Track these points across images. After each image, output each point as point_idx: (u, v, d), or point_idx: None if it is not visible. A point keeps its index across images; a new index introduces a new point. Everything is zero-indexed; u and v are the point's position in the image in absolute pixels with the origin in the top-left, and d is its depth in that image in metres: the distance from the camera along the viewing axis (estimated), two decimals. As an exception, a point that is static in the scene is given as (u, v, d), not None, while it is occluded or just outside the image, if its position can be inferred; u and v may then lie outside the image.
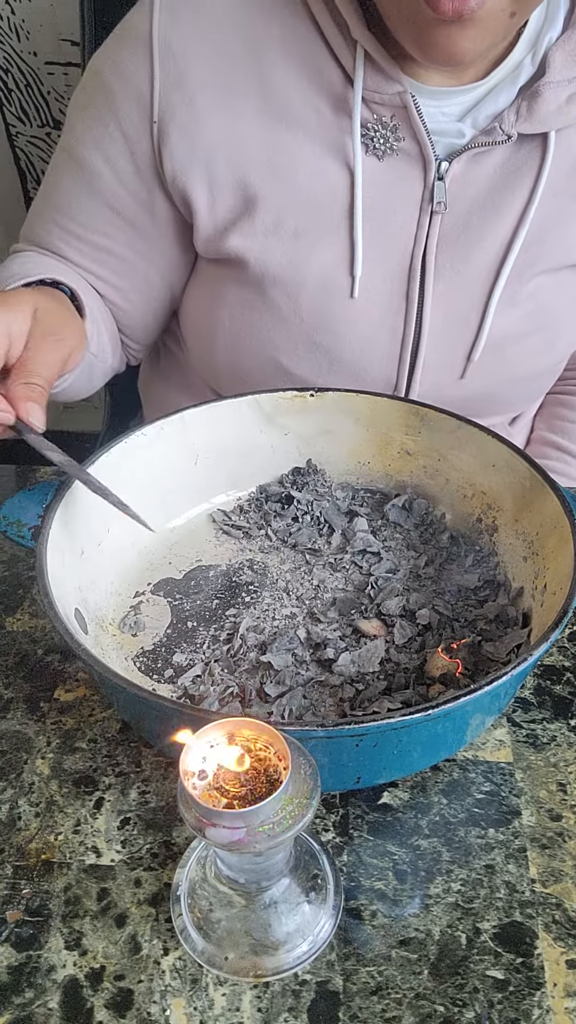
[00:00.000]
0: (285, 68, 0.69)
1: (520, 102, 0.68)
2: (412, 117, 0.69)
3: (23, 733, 0.58)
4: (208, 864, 0.47)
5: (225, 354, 0.81)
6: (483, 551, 0.66)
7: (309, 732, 0.44)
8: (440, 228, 0.73)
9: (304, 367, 0.78)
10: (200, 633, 0.62)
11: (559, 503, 0.57)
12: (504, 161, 0.71)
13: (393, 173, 0.71)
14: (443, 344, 0.77)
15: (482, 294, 0.75)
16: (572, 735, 0.57)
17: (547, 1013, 0.44)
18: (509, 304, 0.76)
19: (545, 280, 0.76)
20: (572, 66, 0.67)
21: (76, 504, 0.60)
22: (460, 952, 0.46)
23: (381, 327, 0.76)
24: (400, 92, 0.68)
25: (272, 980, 0.45)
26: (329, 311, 0.75)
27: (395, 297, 0.75)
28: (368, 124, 0.70)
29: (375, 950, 0.46)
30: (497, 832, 0.52)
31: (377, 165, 0.71)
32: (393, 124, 0.70)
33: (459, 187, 0.72)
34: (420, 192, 0.72)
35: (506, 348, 0.78)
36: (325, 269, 0.73)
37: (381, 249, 0.73)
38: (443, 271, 0.74)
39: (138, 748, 0.56)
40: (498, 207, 0.72)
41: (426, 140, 0.69)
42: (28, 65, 1.24)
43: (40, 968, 0.46)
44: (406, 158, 0.71)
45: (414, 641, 0.60)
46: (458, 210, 0.72)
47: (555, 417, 0.94)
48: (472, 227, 0.73)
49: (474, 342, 0.76)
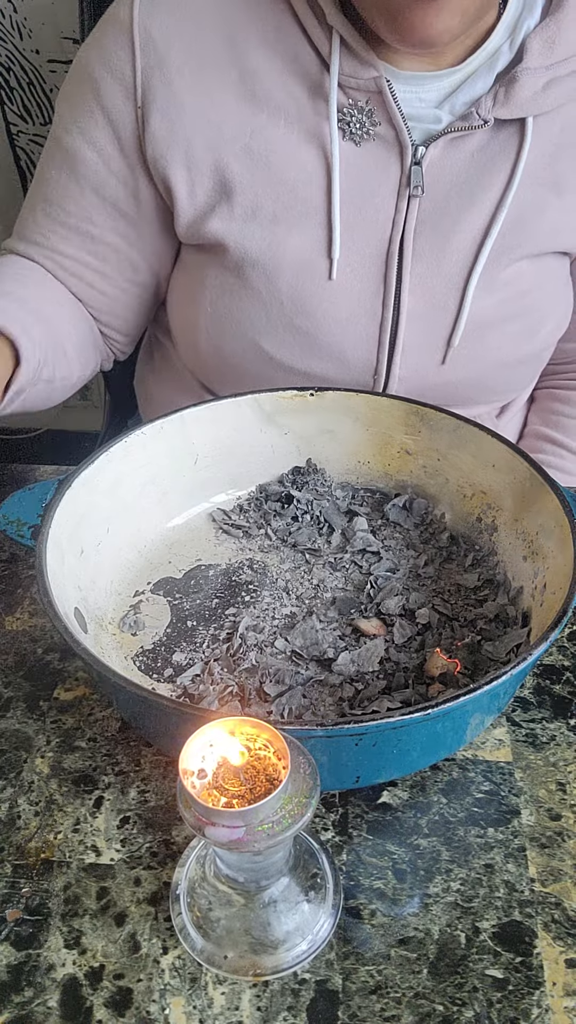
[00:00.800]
0: (263, 53, 0.71)
1: (497, 88, 0.69)
2: (387, 102, 0.70)
3: (23, 732, 0.58)
4: (207, 863, 0.47)
5: (208, 341, 0.81)
6: (483, 551, 0.66)
7: (308, 731, 0.44)
8: (418, 212, 0.74)
9: (285, 350, 0.78)
10: (200, 632, 0.62)
11: (559, 503, 0.57)
12: (482, 147, 0.72)
13: (370, 158, 0.72)
14: (422, 328, 0.77)
15: (460, 279, 0.76)
16: (571, 734, 0.57)
17: (546, 1012, 0.44)
18: (488, 289, 0.76)
19: (525, 266, 0.77)
20: (549, 53, 0.68)
21: (76, 503, 0.60)
22: (459, 951, 0.46)
23: (359, 310, 0.76)
24: (375, 77, 0.69)
25: (271, 979, 0.45)
26: (307, 293, 0.75)
27: (373, 280, 0.76)
28: (344, 109, 0.71)
29: (374, 949, 0.46)
30: (496, 831, 0.52)
31: (354, 150, 0.72)
32: (369, 109, 0.71)
33: (436, 172, 0.72)
34: (397, 177, 0.73)
35: (487, 333, 0.78)
36: (303, 251, 0.74)
37: (359, 233, 0.74)
38: (421, 255, 0.75)
39: (137, 747, 0.56)
40: (475, 192, 0.73)
41: (402, 125, 0.70)
42: (30, 63, 1.24)
43: (39, 967, 0.46)
44: (383, 143, 0.72)
45: (413, 640, 0.60)
46: (435, 195, 0.73)
47: (549, 412, 0.94)
48: (450, 212, 0.74)
49: (453, 327, 0.77)
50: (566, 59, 0.69)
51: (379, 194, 0.73)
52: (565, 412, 0.93)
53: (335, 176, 0.72)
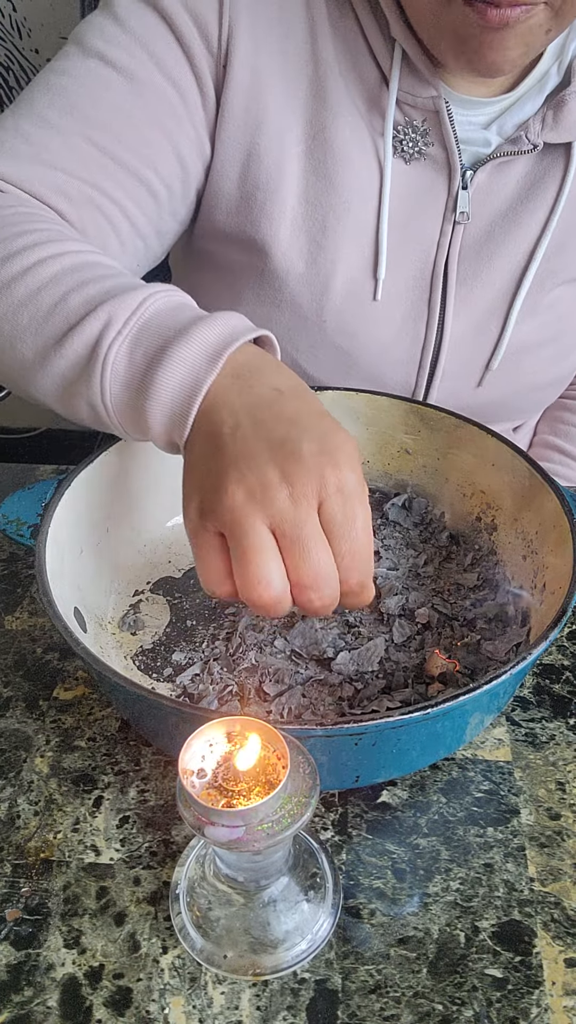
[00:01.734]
0: (334, 57, 0.68)
1: (546, 111, 0.69)
2: (443, 123, 0.69)
3: (22, 732, 0.58)
4: (207, 862, 0.47)
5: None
6: (482, 550, 0.66)
7: (308, 731, 0.44)
8: (463, 238, 0.73)
9: (322, 368, 0.77)
10: (199, 632, 0.62)
11: (558, 502, 0.57)
12: (527, 172, 0.72)
13: (419, 179, 0.71)
14: (463, 353, 0.77)
15: (503, 304, 0.75)
16: (571, 734, 0.57)
17: (545, 1011, 0.44)
18: (529, 314, 0.76)
19: (565, 290, 0.77)
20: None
21: (75, 502, 0.60)
22: (459, 951, 0.46)
23: (402, 332, 0.76)
24: (434, 97, 0.68)
25: (271, 978, 0.45)
26: (351, 313, 0.74)
27: (417, 303, 0.75)
28: (399, 127, 0.70)
29: (374, 948, 0.46)
30: (496, 831, 0.52)
31: (404, 168, 0.71)
32: (424, 128, 0.69)
33: (483, 197, 0.72)
34: (444, 200, 0.72)
35: (523, 357, 0.78)
36: (350, 269, 0.73)
37: (404, 254, 0.73)
38: (464, 280, 0.74)
39: (137, 747, 0.56)
40: (520, 218, 0.72)
41: (454, 148, 0.69)
42: (29, 62, 1.24)
43: (39, 966, 0.46)
44: (433, 164, 0.71)
45: (413, 640, 0.60)
46: (481, 221, 0.73)
47: (558, 421, 0.94)
48: (494, 238, 0.73)
49: (493, 351, 0.77)
50: None
51: (425, 216, 0.72)
52: (573, 421, 0.93)
53: (386, 193, 0.70)
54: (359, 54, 0.68)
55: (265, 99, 0.68)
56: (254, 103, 0.68)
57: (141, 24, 0.65)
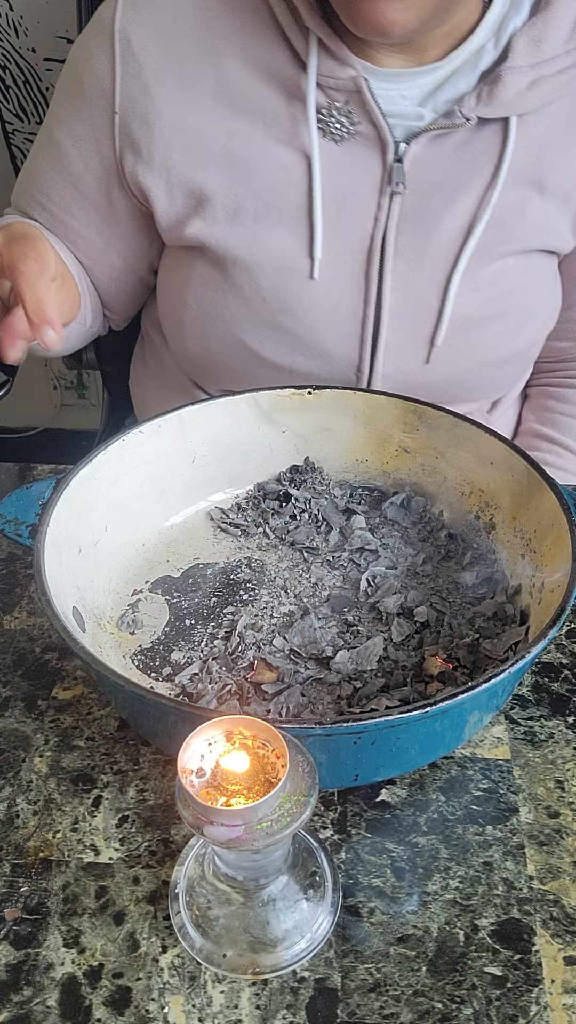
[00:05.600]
0: (241, 57, 0.71)
1: (481, 87, 0.69)
2: (366, 100, 0.70)
3: (21, 731, 0.58)
4: (206, 862, 0.47)
5: (194, 338, 0.82)
6: (481, 549, 0.66)
7: (307, 730, 0.44)
8: (400, 210, 0.73)
9: (269, 347, 0.78)
10: (198, 631, 0.62)
11: (557, 501, 0.57)
12: (464, 144, 0.72)
13: (351, 157, 0.72)
14: (405, 326, 0.77)
15: (442, 277, 0.76)
16: (570, 732, 0.57)
17: (545, 1009, 0.44)
18: (471, 288, 0.76)
19: (511, 263, 0.76)
20: (535, 51, 0.68)
21: (74, 502, 0.60)
22: (458, 949, 0.46)
23: (342, 307, 0.76)
24: (353, 76, 0.69)
25: (270, 977, 0.45)
26: (289, 291, 0.75)
27: (355, 278, 0.76)
28: (323, 109, 0.71)
29: (373, 947, 0.46)
30: (495, 829, 0.52)
31: (335, 149, 0.72)
32: (348, 108, 0.71)
33: (418, 169, 0.72)
34: (379, 174, 0.73)
35: (470, 332, 0.78)
36: (285, 250, 0.74)
37: (341, 231, 0.74)
38: (403, 253, 0.75)
39: (136, 746, 0.56)
40: (457, 191, 0.73)
41: (382, 122, 0.70)
42: (26, 61, 1.23)
43: (39, 966, 0.46)
44: (364, 141, 0.72)
45: (412, 639, 0.60)
46: (417, 192, 0.73)
47: (545, 409, 0.94)
48: (431, 209, 0.74)
49: (436, 325, 0.77)
50: (552, 58, 0.68)
51: (361, 192, 0.73)
52: (561, 410, 0.93)
53: (315, 176, 0.72)
54: (275, 47, 0.71)
55: (165, 125, 0.73)
56: (157, 131, 0.74)
57: (66, 88, 0.78)
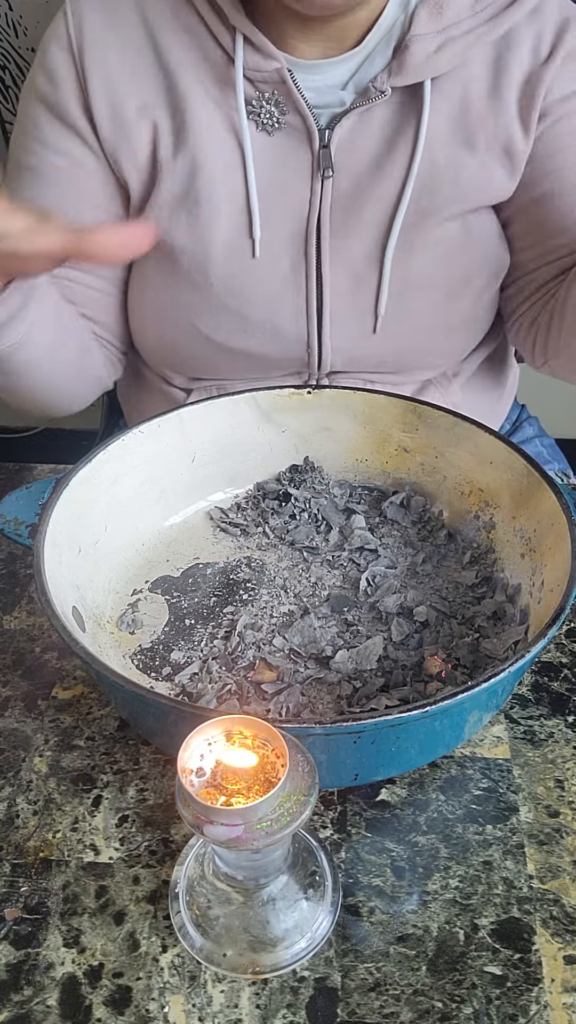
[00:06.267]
0: (178, 50, 0.74)
1: (392, 60, 0.72)
2: (291, 91, 0.72)
3: (21, 731, 0.58)
4: (206, 861, 0.47)
5: (154, 329, 0.84)
6: (480, 548, 0.66)
7: (307, 729, 0.44)
8: (332, 193, 0.76)
9: (221, 331, 0.80)
10: (198, 631, 0.62)
11: (556, 500, 0.57)
12: (387, 119, 0.74)
13: (282, 147, 0.75)
14: (347, 298, 0.79)
15: (377, 247, 0.78)
16: (569, 731, 0.57)
17: (545, 1008, 0.44)
18: (410, 253, 0.78)
19: (451, 227, 0.78)
20: (437, 18, 0.71)
21: (73, 502, 0.60)
22: (458, 948, 0.46)
23: (285, 284, 0.78)
24: (277, 68, 0.71)
25: (270, 977, 0.45)
26: (234, 272, 0.78)
27: (296, 257, 0.78)
28: (253, 101, 0.74)
29: (373, 946, 0.46)
30: (495, 828, 0.52)
31: (267, 140, 0.75)
32: (276, 99, 0.73)
33: (346, 152, 0.75)
34: (309, 162, 0.75)
35: (412, 298, 0.79)
36: (227, 233, 0.77)
37: (278, 215, 0.77)
38: (338, 230, 0.77)
39: (136, 746, 0.56)
40: (384, 166, 0.75)
41: (307, 112, 0.73)
42: (26, 61, 1.23)
43: (39, 966, 0.46)
44: (292, 132, 0.75)
45: (412, 638, 0.60)
46: (348, 173, 0.76)
47: None
48: (362, 188, 0.76)
49: (377, 295, 0.79)
50: (457, 22, 0.71)
51: (294, 180, 0.76)
52: None
53: (249, 166, 0.75)
54: (205, 42, 0.73)
55: (128, 116, 0.75)
56: (120, 122, 0.75)
57: (28, 120, 0.78)
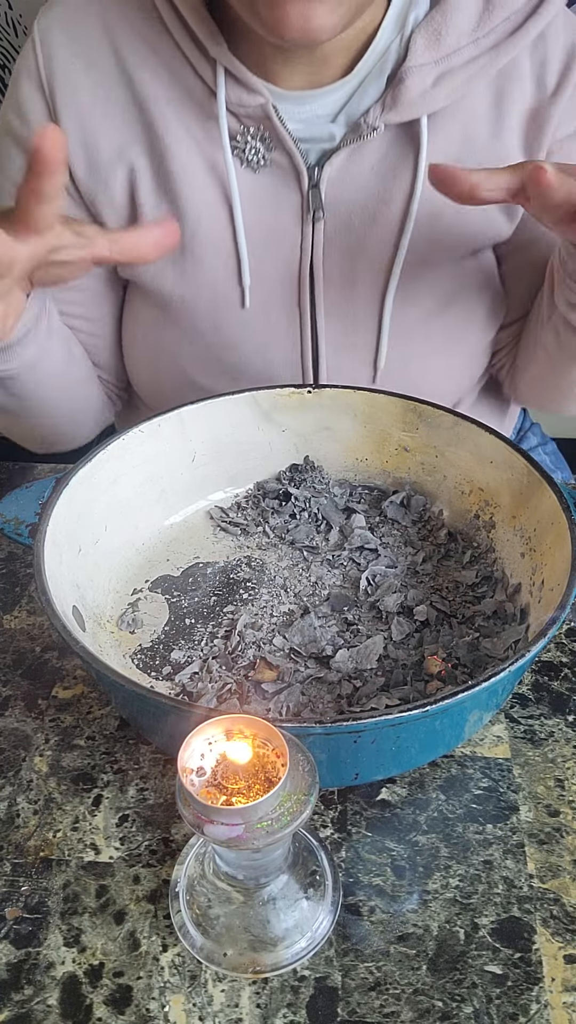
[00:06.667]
0: (155, 85, 0.69)
1: (387, 92, 0.66)
2: (276, 127, 0.67)
3: (21, 731, 0.58)
4: (207, 861, 0.47)
5: (147, 373, 0.81)
6: (480, 547, 0.66)
7: (307, 728, 0.44)
8: (324, 235, 0.71)
9: (214, 381, 0.77)
10: (198, 630, 0.62)
11: (556, 499, 0.57)
12: (380, 157, 0.69)
13: (269, 185, 0.70)
14: (344, 351, 0.75)
15: (375, 297, 0.73)
16: (570, 731, 0.57)
17: (545, 1008, 0.44)
18: (407, 303, 0.74)
19: (451, 270, 0.74)
20: (436, 46, 0.64)
21: (74, 501, 0.60)
22: (458, 947, 0.46)
23: (278, 336, 0.75)
24: (262, 104, 0.66)
25: (271, 976, 0.45)
26: (225, 323, 0.74)
27: (289, 306, 0.74)
28: (238, 137, 0.69)
29: (373, 946, 0.46)
30: (495, 828, 0.52)
31: (253, 178, 0.70)
32: (262, 135, 0.68)
33: (337, 191, 0.70)
34: (298, 202, 0.70)
35: (413, 345, 0.76)
36: (214, 282, 0.72)
37: (268, 260, 0.72)
38: (332, 278, 0.72)
39: (136, 745, 0.56)
40: (378, 207, 0.70)
41: (294, 149, 0.68)
42: (24, 61, 1.23)
43: (39, 965, 0.46)
44: (279, 170, 0.70)
45: (412, 637, 0.60)
46: (339, 215, 0.70)
47: None
48: (355, 229, 0.71)
49: (376, 347, 0.75)
50: (457, 50, 0.65)
51: (282, 221, 0.71)
52: None
53: (236, 206, 0.69)
54: (186, 75, 0.68)
55: (102, 157, 0.70)
56: (96, 164, 0.71)
57: (8, 159, 0.74)
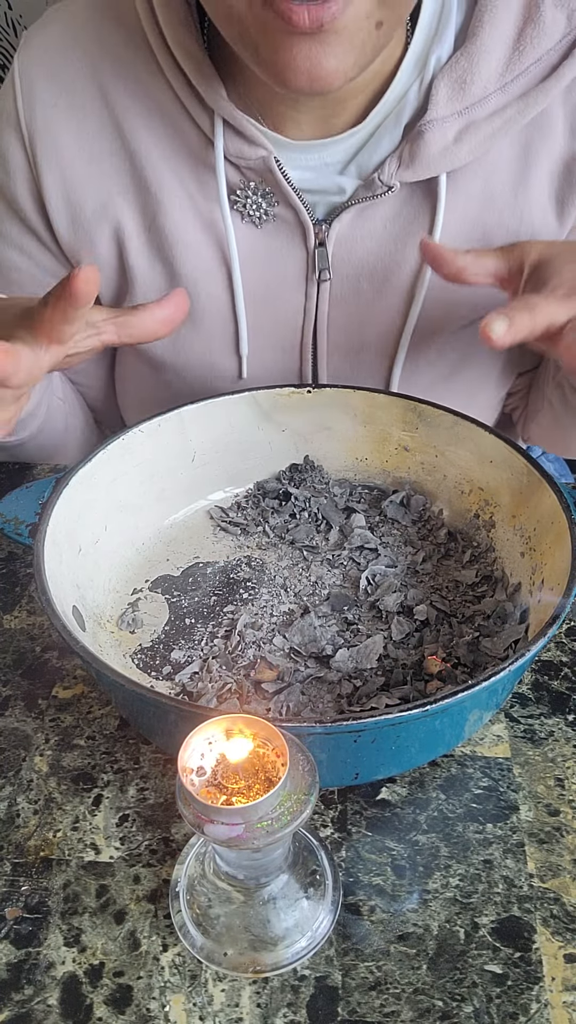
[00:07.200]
0: (147, 134, 0.64)
1: (403, 145, 0.60)
2: (279, 181, 0.62)
3: (21, 730, 0.58)
4: (207, 860, 0.47)
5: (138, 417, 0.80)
6: (480, 547, 0.66)
7: (307, 728, 0.44)
8: (329, 298, 0.66)
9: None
10: (198, 630, 0.62)
11: (556, 499, 0.57)
12: (394, 215, 0.64)
13: (272, 242, 0.65)
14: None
15: (382, 367, 0.69)
16: (570, 730, 0.57)
17: (545, 1007, 0.44)
18: (418, 370, 0.70)
19: (458, 337, 0.69)
20: (460, 97, 0.58)
21: (73, 501, 0.60)
22: (458, 947, 0.46)
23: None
24: (264, 157, 0.61)
25: (271, 976, 0.45)
26: (219, 392, 0.71)
27: (288, 376, 0.70)
28: (238, 190, 0.64)
29: (373, 945, 0.46)
30: (495, 827, 0.52)
31: (255, 234, 0.65)
32: (264, 189, 0.63)
33: (345, 250, 0.65)
34: (303, 260, 0.65)
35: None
36: (210, 350, 0.69)
37: (268, 325, 0.68)
38: (337, 346, 0.68)
39: (136, 745, 0.56)
40: (390, 270, 0.65)
41: (298, 204, 0.63)
42: (24, 61, 1.23)
43: (39, 965, 0.46)
44: (283, 224, 0.65)
45: (412, 637, 0.60)
46: (346, 276, 0.65)
47: None
48: (363, 293, 0.66)
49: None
50: (483, 99, 0.59)
51: (285, 282, 0.66)
52: None
53: (234, 266, 0.65)
54: (183, 124, 0.63)
55: (87, 212, 0.66)
56: (80, 219, 0.67)
57: (1, 228, 0.70)
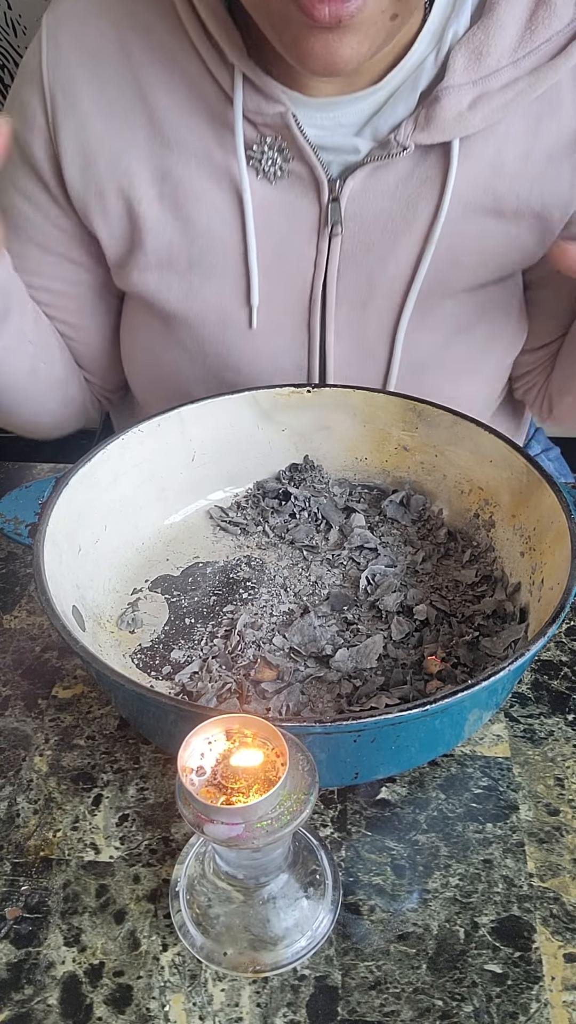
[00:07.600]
0: (168, 91, 0.66)
1: (420, 110, 0.63)
2: (296, 137, 0.64)
3: (21, 730, 0.58)
4: (207, 860, 0.47)
5: (146, 383, 0.80)
6: (480, 546, 0.66)
7: (307, 728, 0.44)
8: (340, 252, 0.68)
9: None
10: (198, 630, 0.62)
11: (556, 499, 0.57)
12: (407, 175, 0.66)
13: (285, 197, 0.67)
14: (352, 376, 0.73)
15: (389, 322, 0.71)
16: (569, 730, 0.57)
17: (545, 1007, 0.44)
18: (423, 329, 0.71)
19: (470, 298, 0.71)
20: (476, 66, 0.61)
21: (73, 501, 0.60)
22: (458, 946, 0.46)
23: (285, 359, 0.73)
24: (281, 112, 0.63)
25: (271, 975, 0.45)
26: (230, 344, 0.72)
27: (297, 328, 0.71)
28: (254, 146, 0.66)
29: (373, 945, 0.46)
30: (495, 827, 0.52)
31: (269, 189, 0.67)
32: (280, 145, 0.65)
33: (357, 206, 0.67)
34: (315, 215, 0.67)
35: (424, 375, 0.74)
36: (221, 300, 0.70)
37: (279, 277, 0.70)
38: (345, 298, 0.70)
39: (136, 745, 0.56)
40: (400, 227, 0.67)
41: (314, 160, 0.65)
42: (24, 61, 1.23)
43: (39, 965, 0.46)
44: (297, 180, 0.67)
45: (411, 637, 0.60)
46: (358, 232, 0.67)
47: None
48: (374, 249, 0.68)
49: (386, 373, 0.73)
50: (496, 71, 0.61)
51: (297, 235, 0.68)
52: None
53: (248, 218, 0.67)
54: (201, 81, 0.65)
55: (100, 164, 0.69)
56: (92, 171, 0.69)
57: (14, 176, 0.73)
